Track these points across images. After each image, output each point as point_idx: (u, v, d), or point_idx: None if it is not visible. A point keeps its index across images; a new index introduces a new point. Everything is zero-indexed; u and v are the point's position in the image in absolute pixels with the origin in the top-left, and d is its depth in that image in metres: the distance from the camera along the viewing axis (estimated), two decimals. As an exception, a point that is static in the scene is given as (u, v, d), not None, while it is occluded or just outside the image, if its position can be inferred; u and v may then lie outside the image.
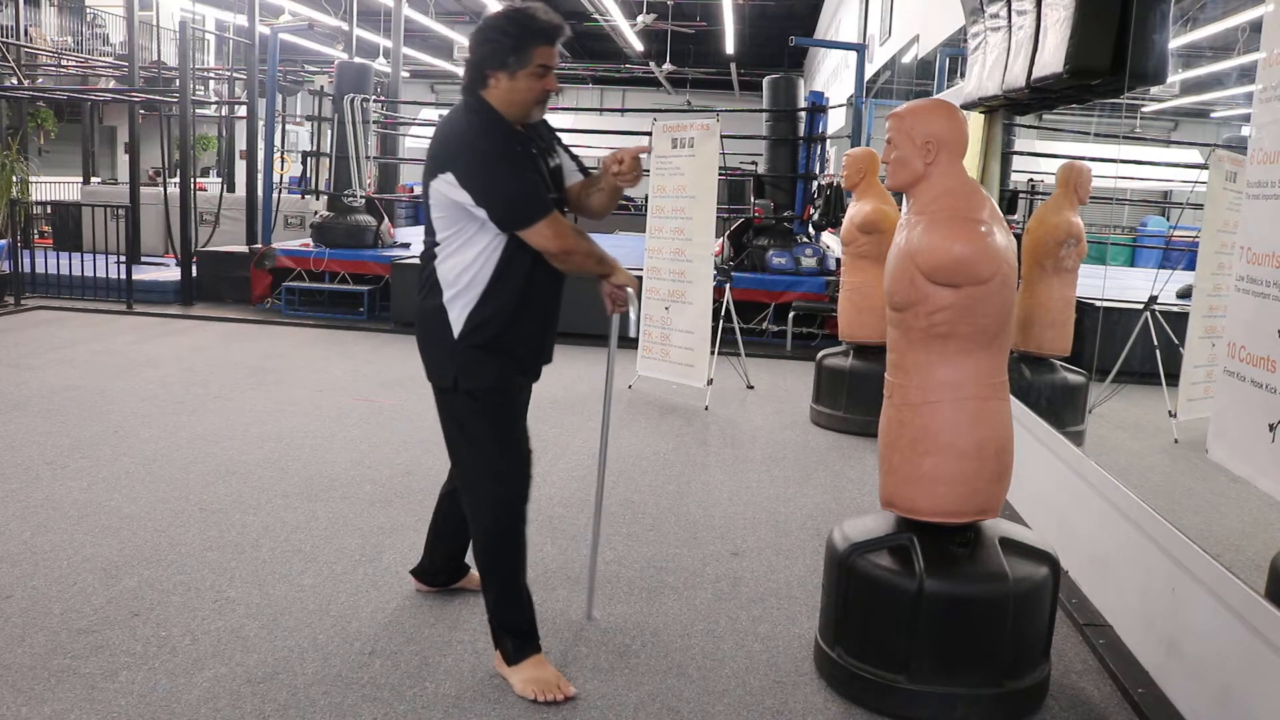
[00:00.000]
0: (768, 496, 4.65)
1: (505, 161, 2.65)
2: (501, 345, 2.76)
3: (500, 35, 2.67)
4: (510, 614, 2.82)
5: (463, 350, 2.74)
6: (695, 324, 6.60)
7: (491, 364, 2.76)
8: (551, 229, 2.66)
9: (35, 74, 15.69)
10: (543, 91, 2.72)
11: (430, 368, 2.85)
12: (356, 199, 9.95)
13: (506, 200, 2.64)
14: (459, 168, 2.64)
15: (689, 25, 20.17)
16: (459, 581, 3.35)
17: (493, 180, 2.64)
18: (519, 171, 2.65)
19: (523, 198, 2.65)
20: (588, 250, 2.77)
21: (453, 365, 2.76)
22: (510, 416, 2.84)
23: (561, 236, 2.68)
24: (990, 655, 2.67)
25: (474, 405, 2.78)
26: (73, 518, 3.90)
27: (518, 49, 2.65)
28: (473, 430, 2.81)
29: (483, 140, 2.67)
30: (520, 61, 2.65)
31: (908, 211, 2.78)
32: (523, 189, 2.65)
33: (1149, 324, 4.84)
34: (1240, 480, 2.52)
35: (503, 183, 2.64)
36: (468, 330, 2.72)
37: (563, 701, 2.71)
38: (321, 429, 5.41)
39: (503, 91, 2.68)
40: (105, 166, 18.57)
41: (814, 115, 9.82)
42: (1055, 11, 3.91)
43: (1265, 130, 2.46)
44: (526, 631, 2.83)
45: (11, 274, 9.13)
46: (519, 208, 2.65)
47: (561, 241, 2.68)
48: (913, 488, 2.73)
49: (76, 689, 2.66)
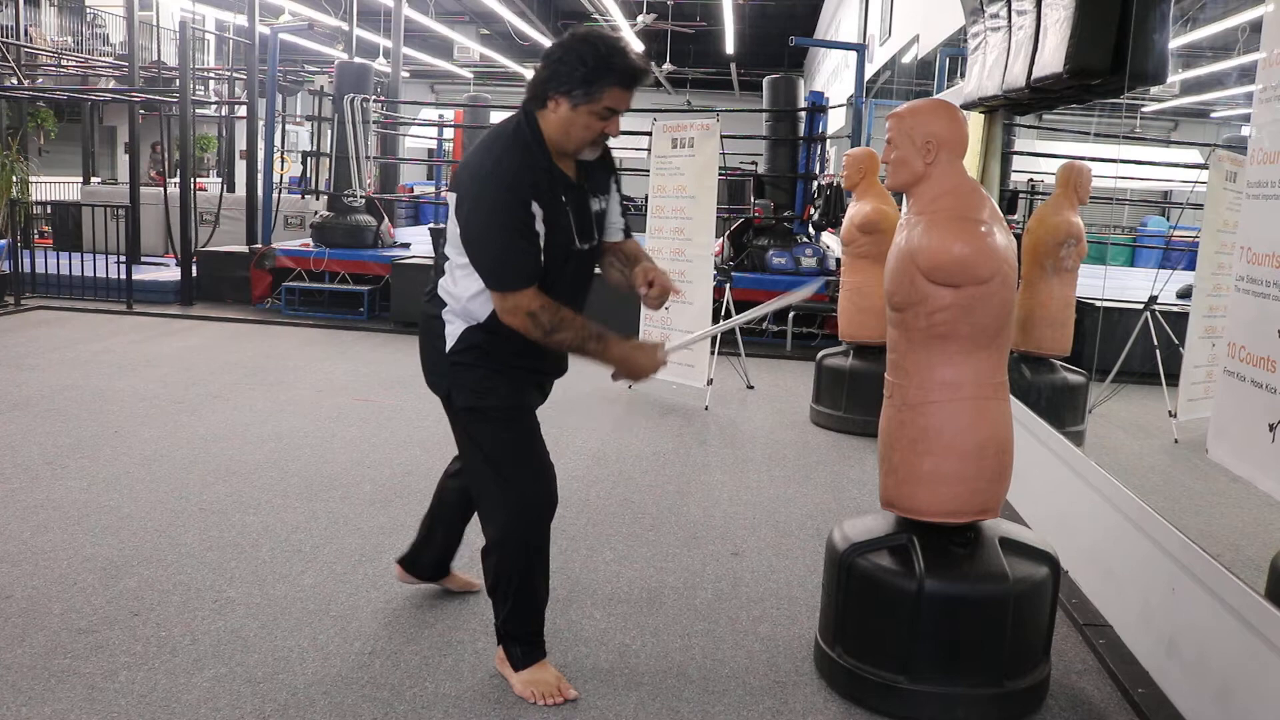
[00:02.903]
0: (768, 496, 4.65)
1: (504, 217, 2.47)
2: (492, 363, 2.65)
3: (577, 61, 2.47)
4: (518, 625, 2.77)
5: (455, 365, 2.66)
6: (695, 324, 6.60)
7: (483, 379, 2.66)
8: (509, 303, 2.50)
9: (35, 74, 15.70)
10: (601, 134, 2.55)
11: (427, 373, 2.79)
12: (356, 199, 9.94)
13: (485, 254, 2.51)
14: (462, 203, 2.52)
15: (689, 25, 20.18)
16: (441, 580, 3.33)
17: (481, 230, 2.50)
18: (511, 233, 2.47)
19: (499, 261, 2.49)
20: (545, 340, 2.54)
21: (446, 379, 2.70)
22: (517, 432, 2.72)
23: (513, 314, 2.51)
24: (990, 655, 2.67)
25: (474, 419, 2.70)
26: (73, 518, 3.90)
27: (589, 81, 2.46)
28: (479, 441, 2.72)
29: (497, 186, 2.47)
30: (588, 96, 2.47)
31: (908, 211, 2.78)
32: (504, 253, 2.49)
33: (1149, 324, 4.85)
34: (1240, 480, 2.52)
35: (487, 236, 2.50)
36: (460, 347, 2.65)
37: (561, 703, 2.71)
38: (321, 429, 5.41)
39: (560, 120, 2.50)
40: (105, 166, 18.57)
41: (814, 115, 9.82)
42: (1055, 11, 3.91)
43: (1265, 130, 2.46)
44: (533, 640, 2.79)
45: (11, 274, 9.13)
46: (490, 267, 2.51)
47: (510, 319, 2.52)
48: (913, 488, 2.73)
49: (76, 689, 2.66)
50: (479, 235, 2.51)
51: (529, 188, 2.48)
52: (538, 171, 2.51)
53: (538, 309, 2.51)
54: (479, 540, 2.82)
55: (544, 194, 2.50)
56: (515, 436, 2.72)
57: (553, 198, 2.53)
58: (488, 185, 2.49)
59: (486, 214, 2.49)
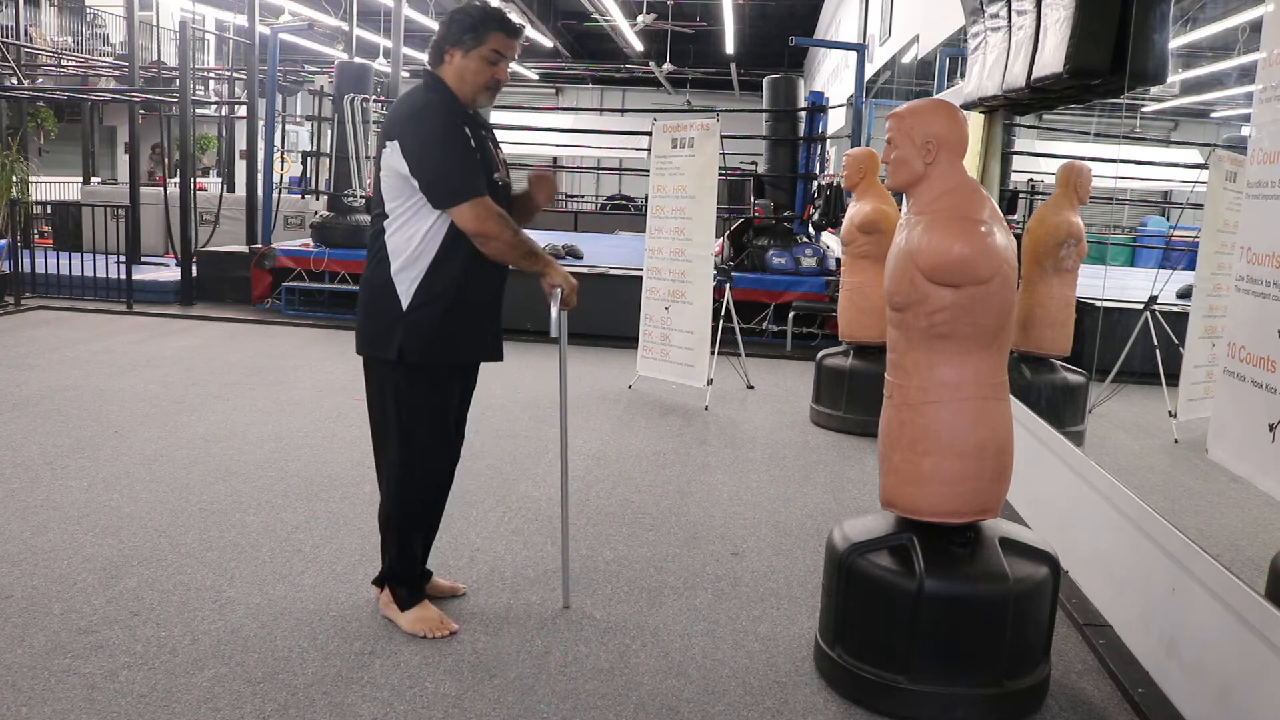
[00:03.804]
0: (768, 496, 4.65)
1: (446, 138, 2.77)
2: (447, 321, 2.87)
3: (464, 16, 2.86)
4: (405, 569, 3.07)
5: (410, 322, 2.85)
6: (695, 324, 6.60)
7: (435, 339, 2.87)
8: (474, 210, 2.77)
9: (35, 74, 15.70)
10: (492, 78, 2.87)
11: (370, 340, 2.95)
12: (356, 199, 9.94)
13: (438, 175, 2.77)
14: (405, 138, 2.78)
15: (689, 25, 20.17)
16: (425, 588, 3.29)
17: (428, 154, 2.77)
18: (456, 150, 2.79)
19: (453, 175, 2.78)
20: (512, 241, 2.83)
21: (398, 336, 2.87)
22: (442, 396, 2.97)
23: (482, 220, 2.78)
24: (990, 655, 2.67)
25: (411, 377, 2.91)
26: (73, 518, 3.90)
27: (476, 30, 2.83)
28: (404, 400, 2.93)
29: (430, 114, 2.81)
30: (476, 41, 2.83)
31: (908, 211, 2.78)
32: (455, 167, 2.78)
33: (1149, 324, 4.84)
34: (1240, 480, 2.52)
35: (437, 158, 2.77)
36: (416, 303, 2.84)
37: (448, 636, 3.01)
38: (321, 429, 5.41)
39: (455, 69, 2.85)
40: (105, 166, 18.57)
41: (814, 115, 9.82)
42: (1055, 11, 3.91)
43: (1265, 130, 2.46)
44: (417, 581, 3.11)
45: (11, 274, 9.13)
46: (448, 184, 2.78)
47: (481, 224, 2.78)
48: (913, 488, 2.73)
49: (76, 689, 2.66)
50: (432, 157, 2.77)
51: (459, 118, 2.84)
52: (457, 109, 2.87)
53: (502, 211, 2.82)
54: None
55: (468, 125, 2.85)
56: (438, 404, 2.95)
57: (474, 130, 2.87)
58: (425, 115, 2.82)
59: (433, 139, 2.78)
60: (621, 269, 9.14)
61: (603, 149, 17.60)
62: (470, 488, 4.41)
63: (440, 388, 2.97)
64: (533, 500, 4.37)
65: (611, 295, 8.36)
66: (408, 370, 2.91)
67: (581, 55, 25.22)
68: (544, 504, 4.26)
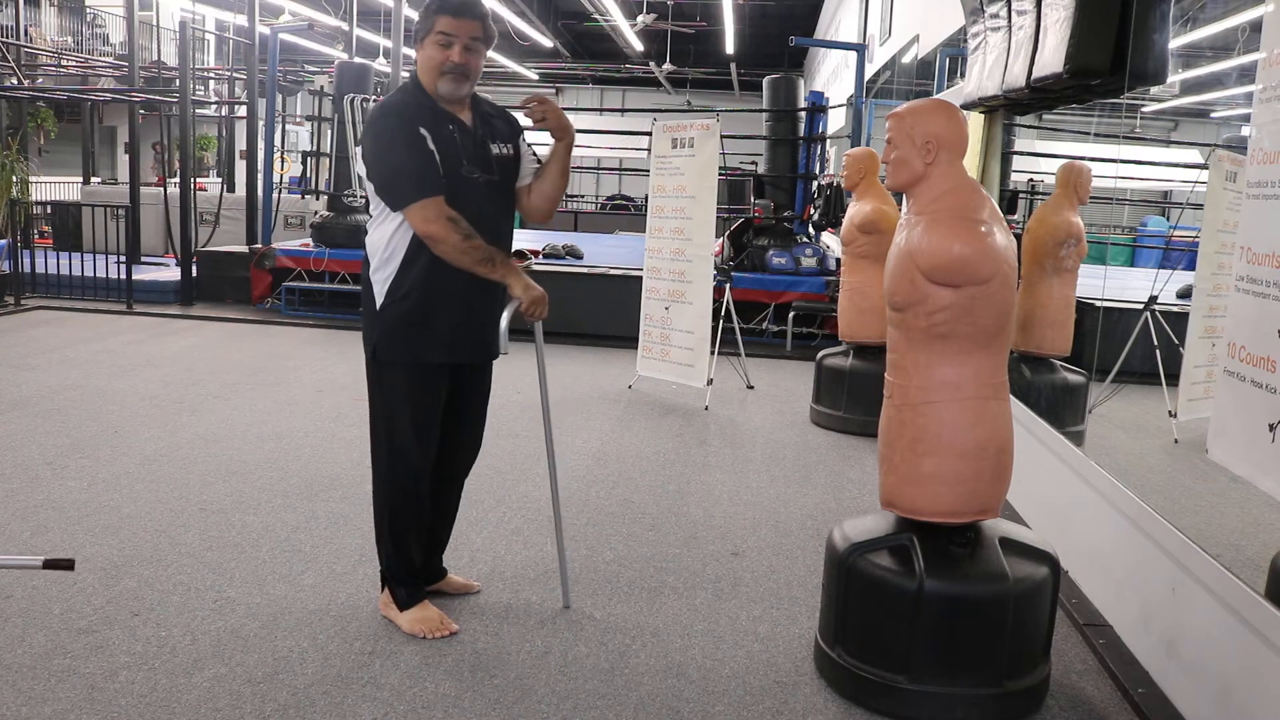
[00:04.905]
0: (768, 496, 4.65)
1: (395, 140, 2.78)
2: (415, 320, 2.89)
3: (421, 12, 2.89)
4: (402, 569, 3.08)
5: (383, 320, 2.89)
6: (695, 324, 6.60)
7: (409, 338, 2.89)
8: (422, 212, 2.75)
9: (35, 74, 15.69)
10: (444, 61, 2.81)
11: (363, 338, 3.02)
12: (356, 199, 9.94)
13: (385, 178, 2.80)
14: (363, 143, 2.86)
15: (689, 25, 20.17)
16: (436, 584, 3.31)
17: (378, 157, 2.80)
18: (405, 151, 2.77)
19: (400, 176, 2.77)
20: (460, 245, 2.77)
21: (374, 334, 2.93)
22: (422, 394, 2.96)
23: (428, 221, 2.75)
24: (990, 655, 2.67)
25: (388, 376, 2.94)
26: (73, 518, 3.90)
27: (425, 18, 2.85)
28: (387, 398, 2.97)
29: (381, 118, 2.85)
30: (426, 28, 2.84)
31: (908, 211, 2.78)
32: (402, 169, 2.77)
33: (1149, 324, 4.84)
34: (1240, 480, 2.52)
35: (385, 160, 2.79)
36: (387, 302, 2.88)
37: (448, 636, 3.01)
38: (321, 429, 5.41)
39: (420, 61, 2.87)
40: (105, 166, 18.57)
41: (814, 115, 9.82)
42: (1055, 11, 3.91)
43: (1265, 130, 2.46)
44: (415, 582, 3.11)
45: (11, 274, 9.13)
46: (395, 186, 2.79)
47: (426, 225, 2.76)
48: (913, 488, 2.73)
49: (76, 689, 2.66)
50: (381, 160, 2.80)
51: (414, 117, 2.80)
52: (421, 107, 2.84)
53: (454, 215, 2.77)
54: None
55: (429, 124, 2.81)
56: (419, 402, 2.95)
57: (438, 127, 2.82)
58: (378, 120, 2.86)
59: (383, 141, 2.81)
60: (621, 269, 9.13)
61: (603, 149, 17.58)
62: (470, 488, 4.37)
63: (419, 386, 2.95)
64: (533, 500, 4.37)
65: (611, 295, 8.36)
66: (381, 368, 2.97)
67: (581, 55, 25.23)
68: (544, 504, 4.26)
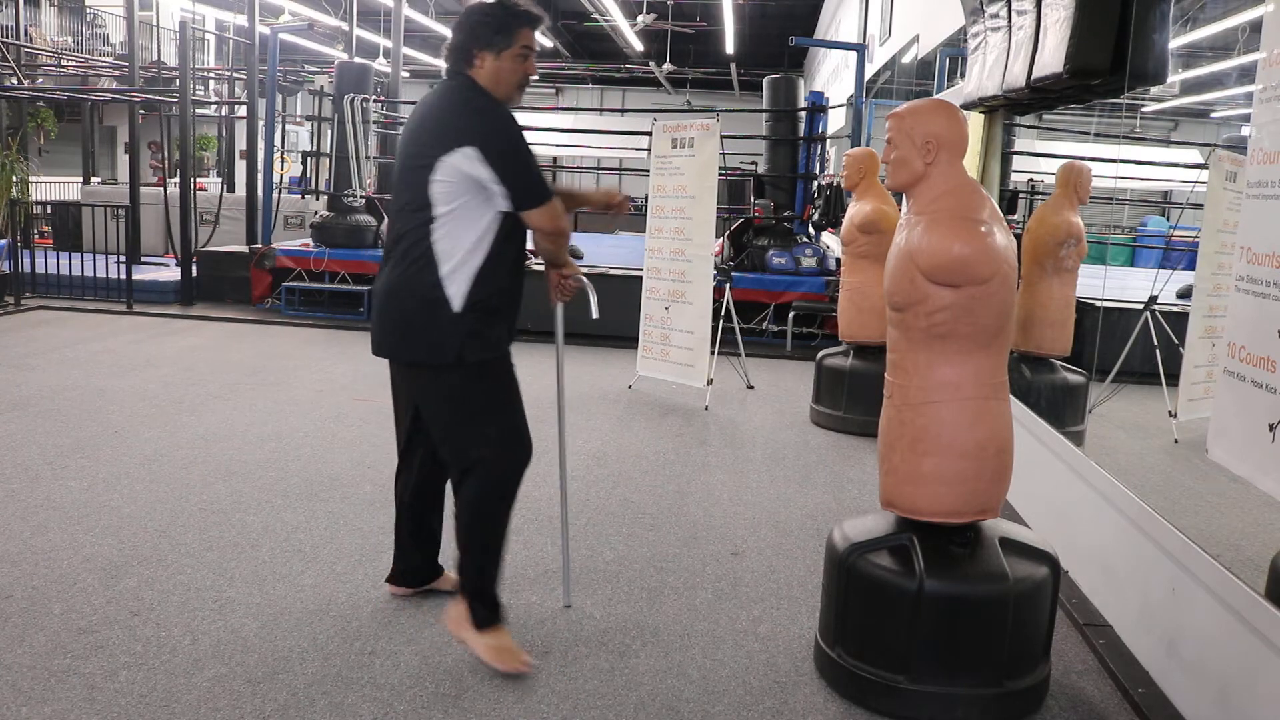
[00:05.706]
0: (768, 496, 4.64)
1: (523, 142, 2.81)
2: (496, 314, 2.88)
3: (488, 18, 2.82)
4: (488, 584, 2.92)
5: (469, 322, 2.80)
6: (695, 324, 6.60)
7: (495, 333, 2.87)
8: (554, 210, 2.86)
9: (35, 74, 15.69)
10: (524, 74, 2.87)
11: (419, 347, 2.85)
12: (356, 199, 9.95)
13: (528, 182, 2.80)
14: (487, 145, 2.72)
15: (689, 25, 20.16)
16: (433, 583, 3.32)
17: (516, 158, 2.78)
18: (531, 154, 2.83)
19: (540, 181, 2.83)
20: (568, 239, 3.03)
21: (456, 338, 2.80)
22: (513, 382, 2.96)
23: (557, 218, 2.88)
24: (990, 655, 2.67)
25: (477, 375, 2.86)
26: (73, 518, 3.90)
27: (504, 29, 2.80)
28: (474, 402, 2.88)
29: (507, 119, 2.81)
30: (507, 41, 2.80)
31: (908, 211, 2.78)
32: (536, 167, 2.84)
33: (1149, 324, 4.84)
34: (1240, 480, 2.52)
35: (524, 165, 2.80)
36: (473, 302, 2.80)
37: (525, 670, 2.83)
38: (321, 429, 5.41)
39: (489, 72, 2.82)
40: (105, 166, 18.57)
41: (814, 115, 9.82)
42: (1055, 11, 3.91)
43: (1265, 130, 2.46)
44: (498, 602, 2.93)
45: (11, 274, 9.13)
46: (538, 190, 2.81)
47: (557, 223, 2.89)
48: (913, 488, 2.73)
49: (76, 689, 2.66)
50: (519, 159, 2.78)
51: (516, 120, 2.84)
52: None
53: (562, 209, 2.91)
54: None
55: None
56: (508, 386, 2.94)
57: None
58: (503, 120, 2.80)
59: (516, 142, 2.79)
60: (621, 269, 9.14)
61: (603, 149, 17.58)
62: (470, 488, 4.40)
63: (506, 370, 2.95)
64: (533, 500, 4.36)
65: (611, 295, 8.29)
66: (467, 369, 2.82)
67: (581, 55, 25.21)
68: (544, 504, 4.26)
